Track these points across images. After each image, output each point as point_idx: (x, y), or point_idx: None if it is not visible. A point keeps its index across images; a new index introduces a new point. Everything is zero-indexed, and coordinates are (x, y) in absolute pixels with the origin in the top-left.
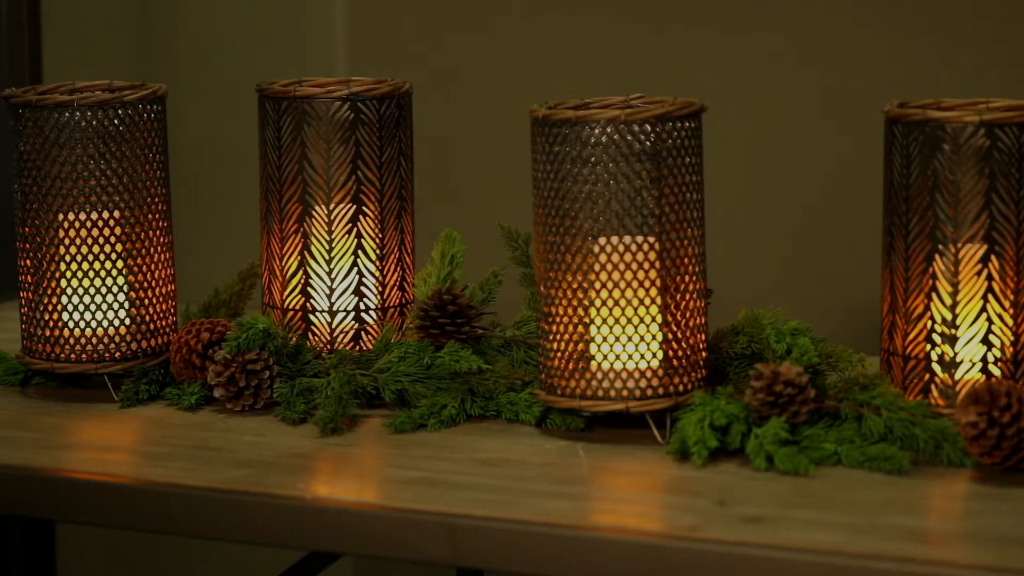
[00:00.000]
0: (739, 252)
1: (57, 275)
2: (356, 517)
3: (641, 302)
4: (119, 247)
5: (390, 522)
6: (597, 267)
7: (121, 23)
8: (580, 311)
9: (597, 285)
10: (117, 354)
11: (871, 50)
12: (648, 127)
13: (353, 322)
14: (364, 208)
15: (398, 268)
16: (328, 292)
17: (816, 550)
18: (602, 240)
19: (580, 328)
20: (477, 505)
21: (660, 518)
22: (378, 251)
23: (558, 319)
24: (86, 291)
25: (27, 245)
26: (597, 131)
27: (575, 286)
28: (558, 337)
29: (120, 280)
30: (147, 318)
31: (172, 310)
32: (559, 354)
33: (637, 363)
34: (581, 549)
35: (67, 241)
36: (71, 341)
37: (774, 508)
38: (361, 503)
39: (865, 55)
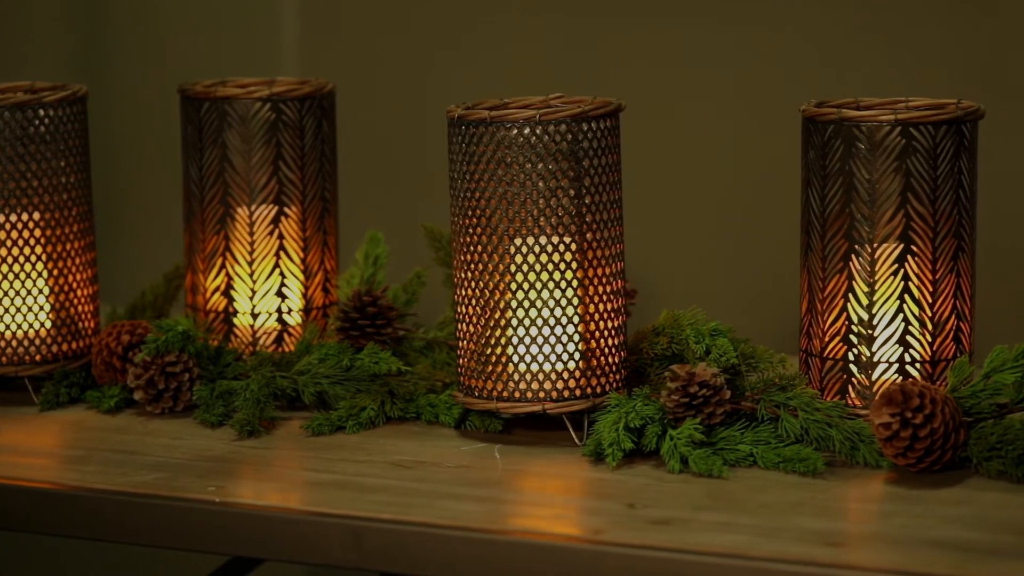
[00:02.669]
0: (670, 252)
1: None
2: (263, 520)
3: (558, 303)
4: (39, 249)
5: (296, 525)
6: (513, 268)
7: (66, 22)
8: (496, 313)
9: (513, 286)
10: (38, 356)
11: (795, 47)
12: (564, 127)
13: (276, 324)
14: (286, 209)
15: (321, 269)
16: (250, 294)
17: (719, 553)
18: (518, 240)
19: (497, 330)
20: (385, 508)
21: (569, 521)
22: (301, 253)
23: (474, 320)
24: (6, 293)
25: None
26: (514, 131)
27: (491, 287)
28: (475, 338)
29: (40, 282)
30: (68, 320)
31: (94, 312)
32: (476, 355)
33: (554, 364)
34: (486, 552)
35: None
36: None
37: (684, 510)
38: (269, 506)
39: (789, 52)
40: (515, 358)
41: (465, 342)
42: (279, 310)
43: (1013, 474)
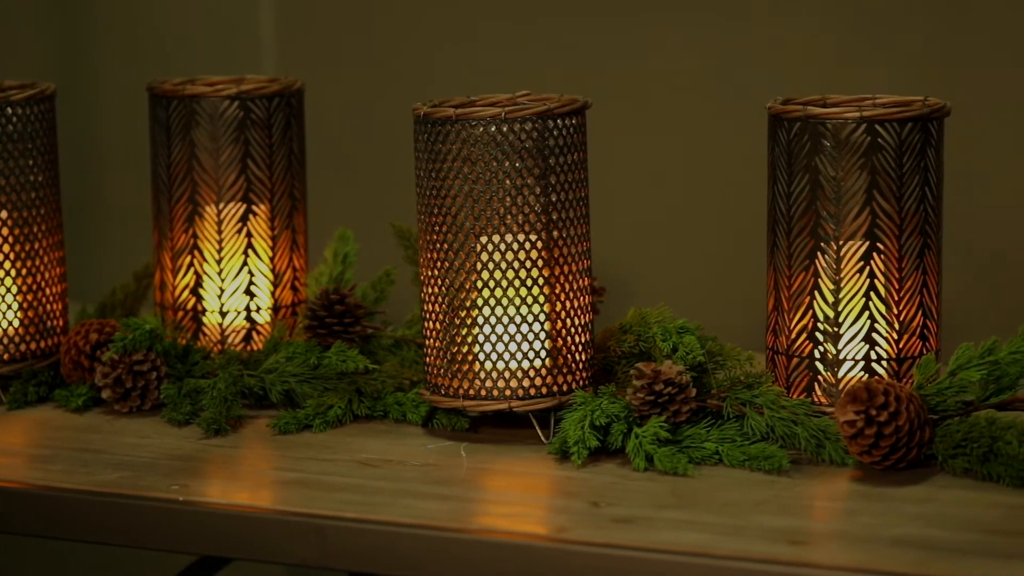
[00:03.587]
0: (639, 249)
1: None
2: (225, 519)
3: (524, 301)
4: (6, 247)
5: (259, 524)
6: (479, 265)
7: (38, 20)
8: (463, 311)
9: (480, 284)
10: (6, 355)
11: (766, 43)
12: (530, 125)
13: (244, 322)
14: (254, 207)
15: (290, 267)
16: (218, 292)
17: (681, 551)
18: (484, 238)
19: (463, 328)
20: (349, 507)
21: (532, 519)
22: (269, 251)
23: (441, 318)
24: None
25: None
26: (479, 129)
27: (457, 285)
28: (441, 336)
29: (8, 281)
30: (36, 319)
31: (63, 310)
32: (442, 354)
33: (520, 362)
34: (449, 551)
35: None
36: None
37: (647, 509)
38: (232, 505)
39: (759, 49)
40: (481, 356)
41: (432, 340)
42: (248, 308)
43: (978, 472)
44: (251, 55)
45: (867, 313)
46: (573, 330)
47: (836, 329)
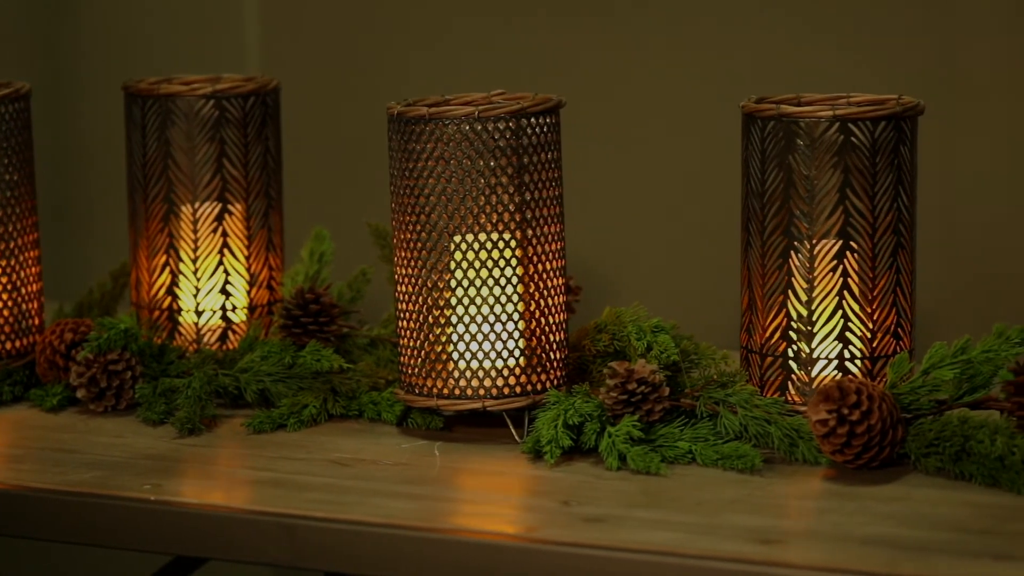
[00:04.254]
0: (617, 247)
1: None
2: (197, 518)
3: (498, 300)
4: None
5: (230, 523)
6: (453, 265)
7: (19, 18)
8: (435, 310)
9: (453, 283)
10: None
11: (738, 43)
12: (503, 123)
13: (220, 321)
14: (230, 207)
15: (265, 267)
16: (194, 291)
17: (650, 550)
18: (458, 237)
19: (437, 327)
20: (320, 506)
21: (502, 518)
22: (245, 250)
23: (415, 317)
24: None
25: None
26: (452, 128)
27: (430, 284)
28: (415, 335)
29: None
30: (12, 318)
31: (39, 309)
32: (417, 353)
33: (494, 362)
34: (418, 550)
35: None
36: None
37: (618, 508)
38: (204, 504)
39: (736, 47)
40: (456, 355)
41: (406, 339)
42: (223, 308)
43: (950, 470)
44: (233, 54)
45: (840, 312)
46: (547, 329)
47: (809, 328)
